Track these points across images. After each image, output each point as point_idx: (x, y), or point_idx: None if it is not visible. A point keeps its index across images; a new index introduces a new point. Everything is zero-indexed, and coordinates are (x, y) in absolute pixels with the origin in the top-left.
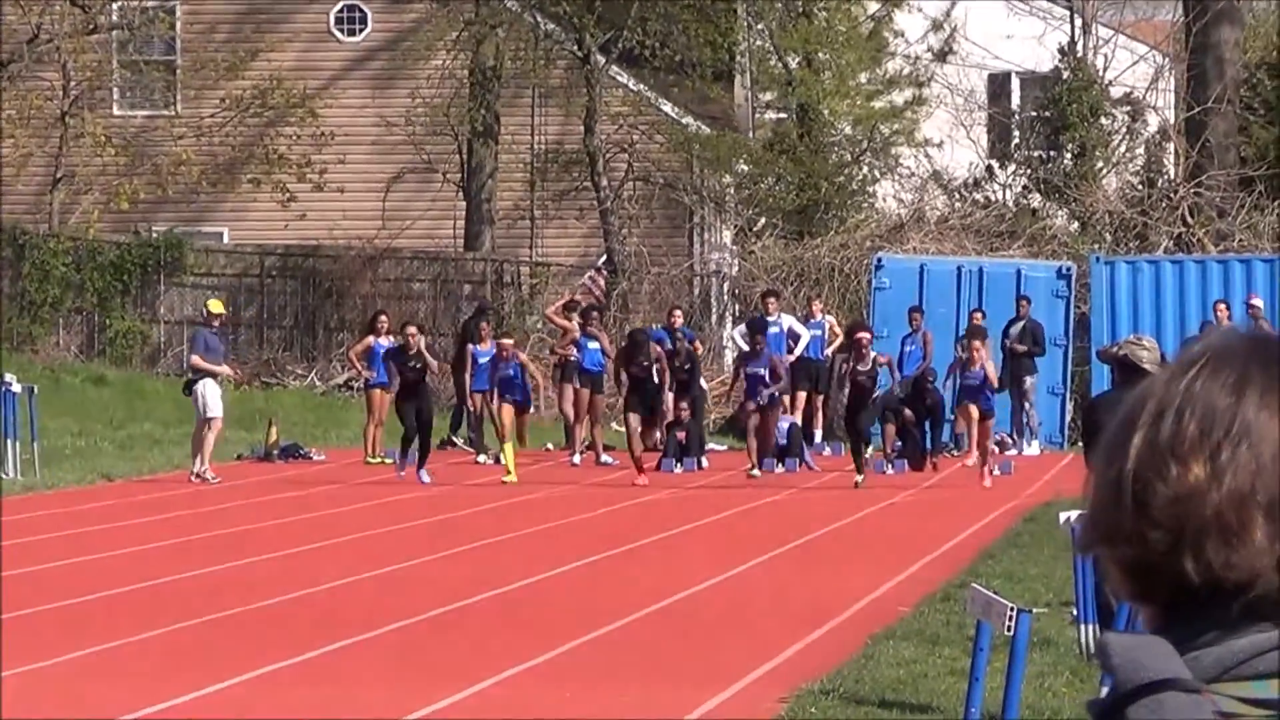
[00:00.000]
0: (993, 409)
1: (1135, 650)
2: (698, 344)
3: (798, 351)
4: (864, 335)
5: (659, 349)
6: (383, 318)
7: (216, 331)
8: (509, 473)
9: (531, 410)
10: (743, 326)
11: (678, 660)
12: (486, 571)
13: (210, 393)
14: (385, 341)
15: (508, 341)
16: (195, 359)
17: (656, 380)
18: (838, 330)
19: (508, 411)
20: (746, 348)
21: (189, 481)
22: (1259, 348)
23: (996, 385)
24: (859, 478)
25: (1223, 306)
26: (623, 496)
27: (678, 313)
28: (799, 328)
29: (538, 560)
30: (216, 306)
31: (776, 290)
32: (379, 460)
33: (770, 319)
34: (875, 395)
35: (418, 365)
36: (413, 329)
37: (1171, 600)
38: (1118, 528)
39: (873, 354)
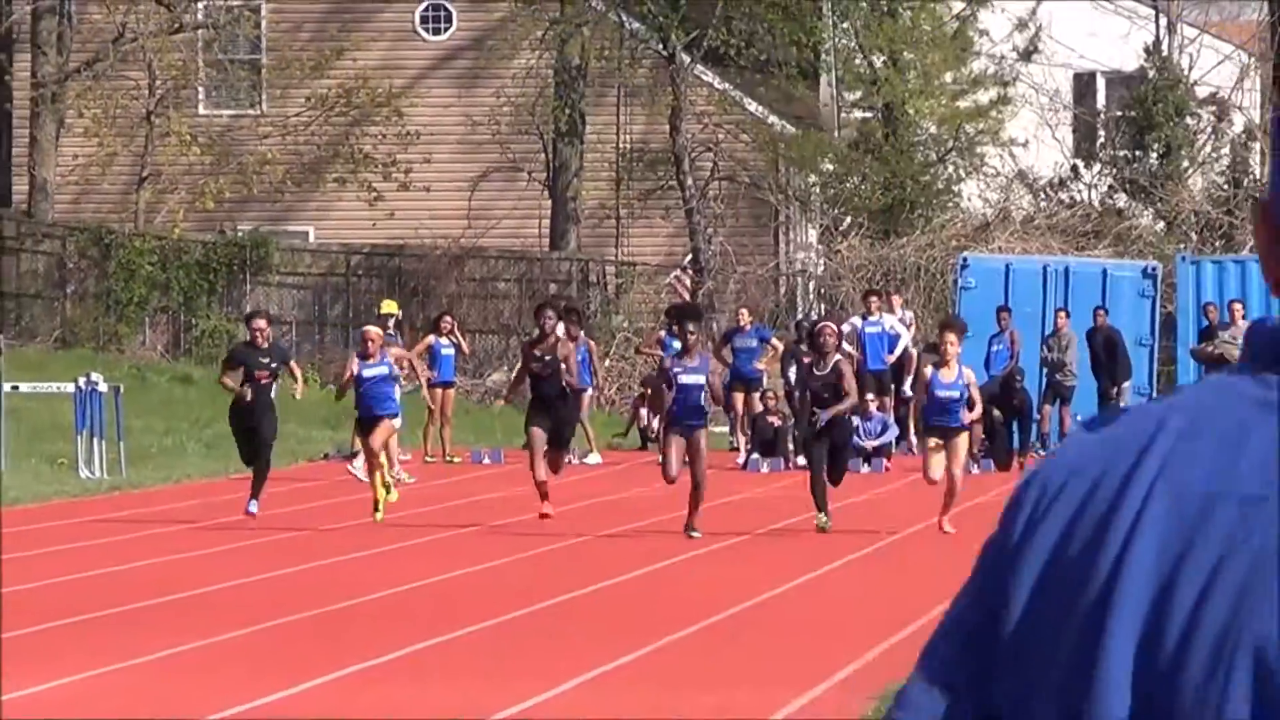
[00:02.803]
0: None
1: None
2: (775, 342)
3: (897, 352)
4: (829, 327)
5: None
6: (447, 318)
7: (392, 333)
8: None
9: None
10: (845, 327)
11: (763, 661)
12: (571, 572)
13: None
14: (446, 341)
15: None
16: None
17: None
18: (900, 330)
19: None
20: (849, 349)
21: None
22: None
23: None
24: (821, 518)
25: None
26: (711, 494)
27: (744, 312)
28: (900, 328)
29: (624, 560)
30: (389, 307)
31: (877, 290)
32: (450, 460)
33: (873, 319)
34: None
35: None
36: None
37: None
38: None
39: (838, 357)
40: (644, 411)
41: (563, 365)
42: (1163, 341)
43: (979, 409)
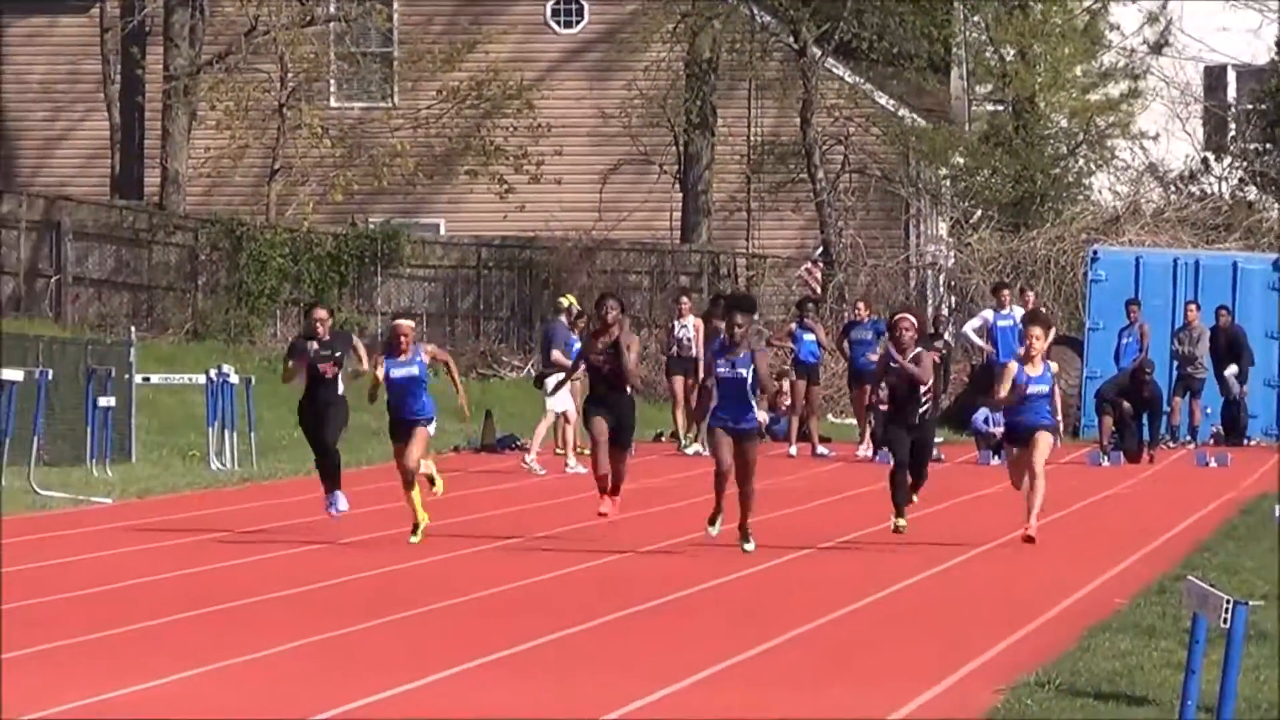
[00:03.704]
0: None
1: None
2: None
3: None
4: (906, 318)
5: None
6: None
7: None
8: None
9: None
10: (976, 321)
11: (888, 656)
12: (695, 566)
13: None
14: (576, 336)
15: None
16: (557, 354)
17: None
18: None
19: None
20: (981, 343)
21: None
22: None
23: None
24: (898, 521)
25: None
26: (840, 488)
27: (860, 305)
28: None
29: (749, 555)
30: (568, 299)
31: (1007, 282)
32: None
33: (1004, 312)
34: (923, 410)
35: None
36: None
37: None
38: None
39: (918, 350)
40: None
41: (625, 353)
42: None
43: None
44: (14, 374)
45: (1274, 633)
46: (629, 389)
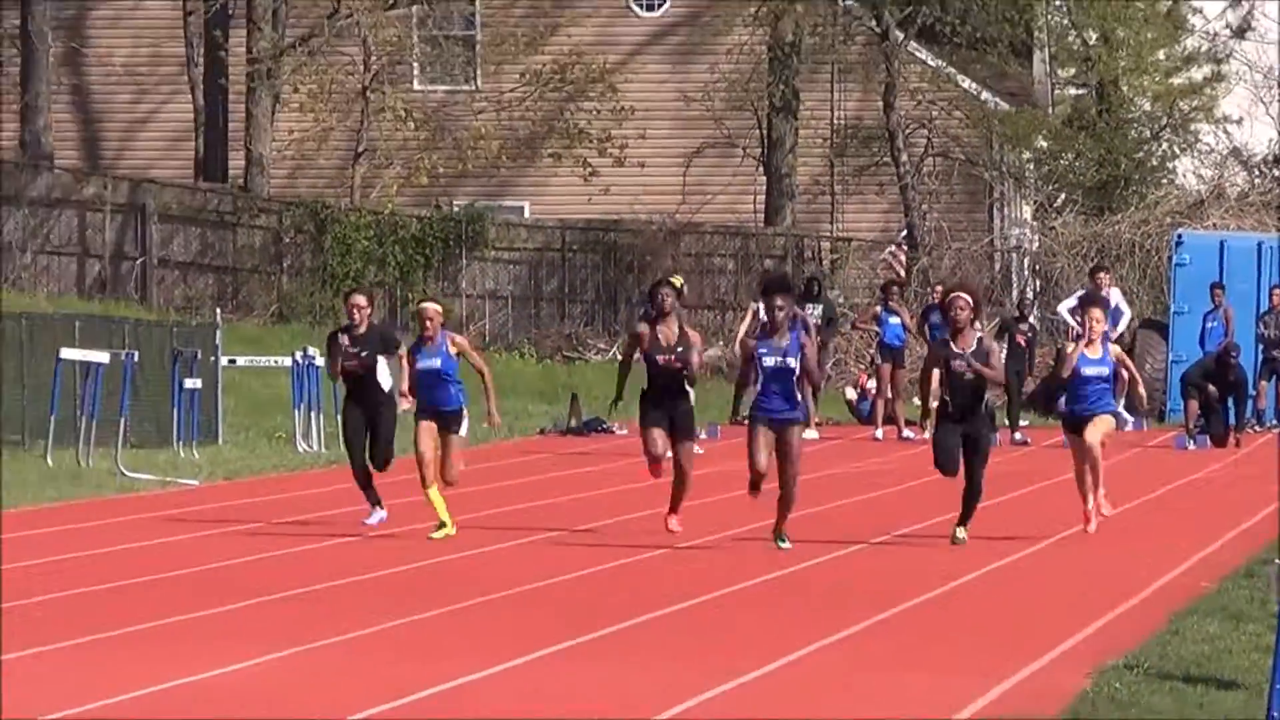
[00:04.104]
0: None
1: None
2: None
3: (1120, 328)
4: (961, 297)
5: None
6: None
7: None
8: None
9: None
10: (1072, 300)
11: (974, 641)
12: (771, 555)
13: None
14: None
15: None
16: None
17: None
18: (1124, 307)
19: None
20: (1073, 322)
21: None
22: None
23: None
24: (959, 532)
25: None
26: (924, 471)
27: (938, 289)
28: (1124, 305)
29: (830, 539)
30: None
31: (1105, 265)
32: None
33: (1101, 293)
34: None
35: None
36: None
37: None
38: None
39: (978, 333)
40: (868, 384)
41: (692, 356)
42: None
43: (1131, 383)
44: (100, 356)
45: None
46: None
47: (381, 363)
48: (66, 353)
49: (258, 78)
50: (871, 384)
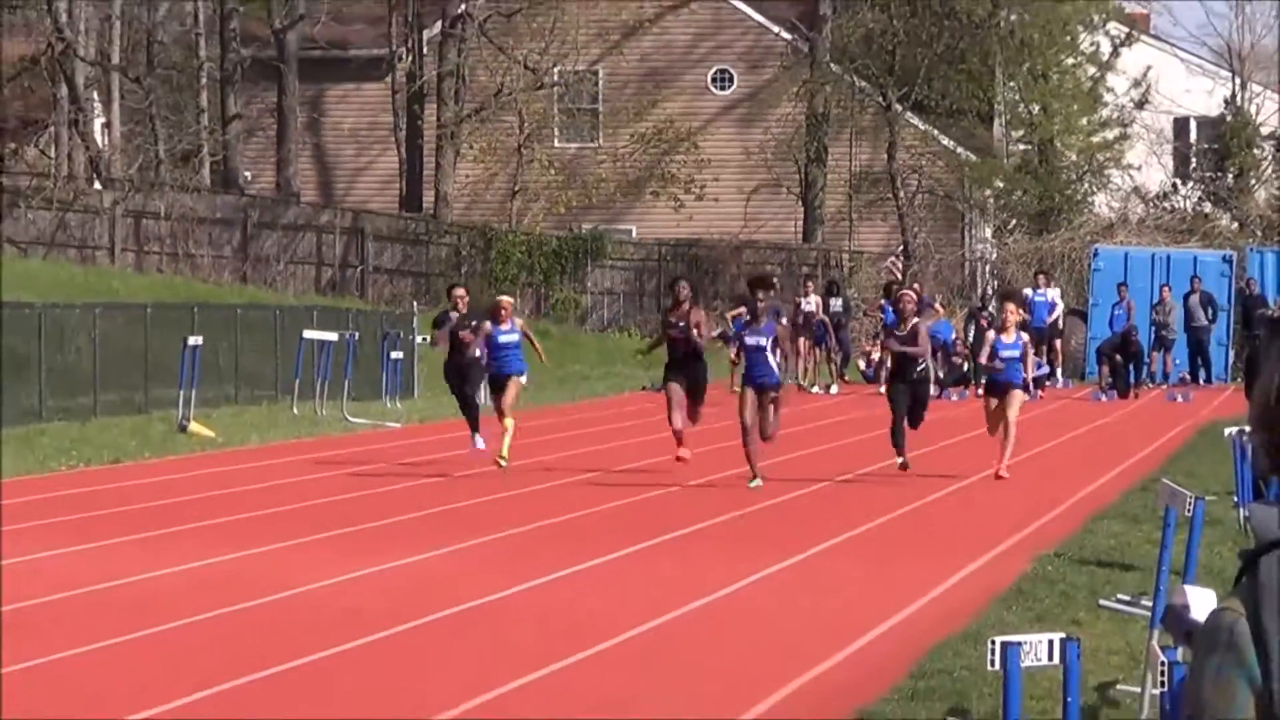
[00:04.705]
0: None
1: (1269, 516)
2: (937, 307)
3: (1054, 316)
4: (908, 294)
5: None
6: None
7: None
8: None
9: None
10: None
11: (942, 540)
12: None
13: None
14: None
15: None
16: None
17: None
18: (1058, 301)
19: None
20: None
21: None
22: None
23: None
24: (900, 460)
25: None
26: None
27: (917, 285)
28: (1058, 299)
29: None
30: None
31: (1045, 269)
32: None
33: (1039, 291)
34: (920, 369)
35: None
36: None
37: None
38: (1269, 419)
39: (915, 320)
40: (874, 356)
41: (693, 330)
42: (1236, 308)
43: (1031, 365)
44: (331, 335)
45: (1224, 519)
46: (700, 355)
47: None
48: (307, 333)
49: (444, 138)
50: (876, 355)
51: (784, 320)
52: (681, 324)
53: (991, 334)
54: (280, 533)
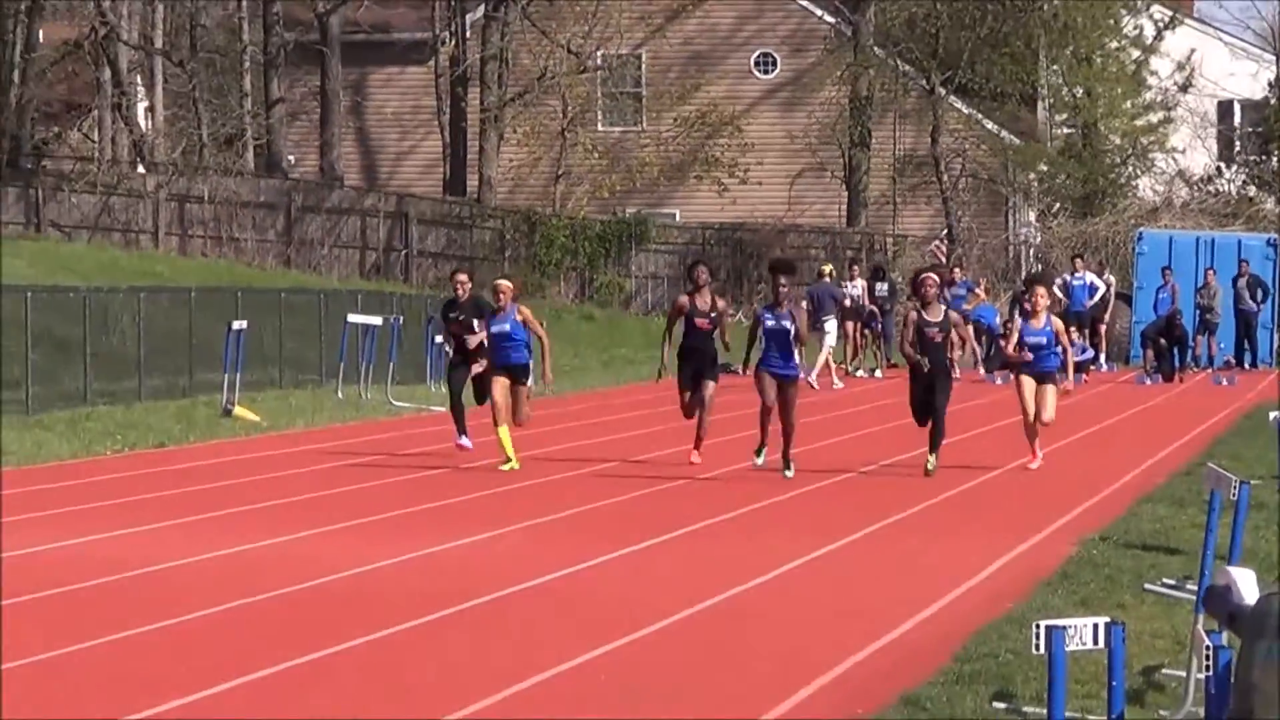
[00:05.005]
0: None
1: None
2: (978, 290)
3: (1096, 299)
4: (930, 277)
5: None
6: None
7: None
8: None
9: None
10: (1057, 280)
11: (990, 521)
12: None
13: (831, 329)
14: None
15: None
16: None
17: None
18: (1098, 284)
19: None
20: (1059, 295)
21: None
22: None
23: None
24: (931, 462)
25: None
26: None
27: (957, 270)
28: (1098, 282)
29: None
30: (829, 268)
31: (1080, 254)
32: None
33: (1077, 275)
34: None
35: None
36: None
37: None
38: None
39: (943, 307)
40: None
41: (724, 318)
42: None
43: (1070, 352)
44: (375, 320)
45: (1269, 503)
46: (718, 340)
47: (475, 324)
48: (351, 317)
49: (488, 122)
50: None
51: (804, 305)
52: (713, 314)
53: (1019, 321)
54: (324, 518)
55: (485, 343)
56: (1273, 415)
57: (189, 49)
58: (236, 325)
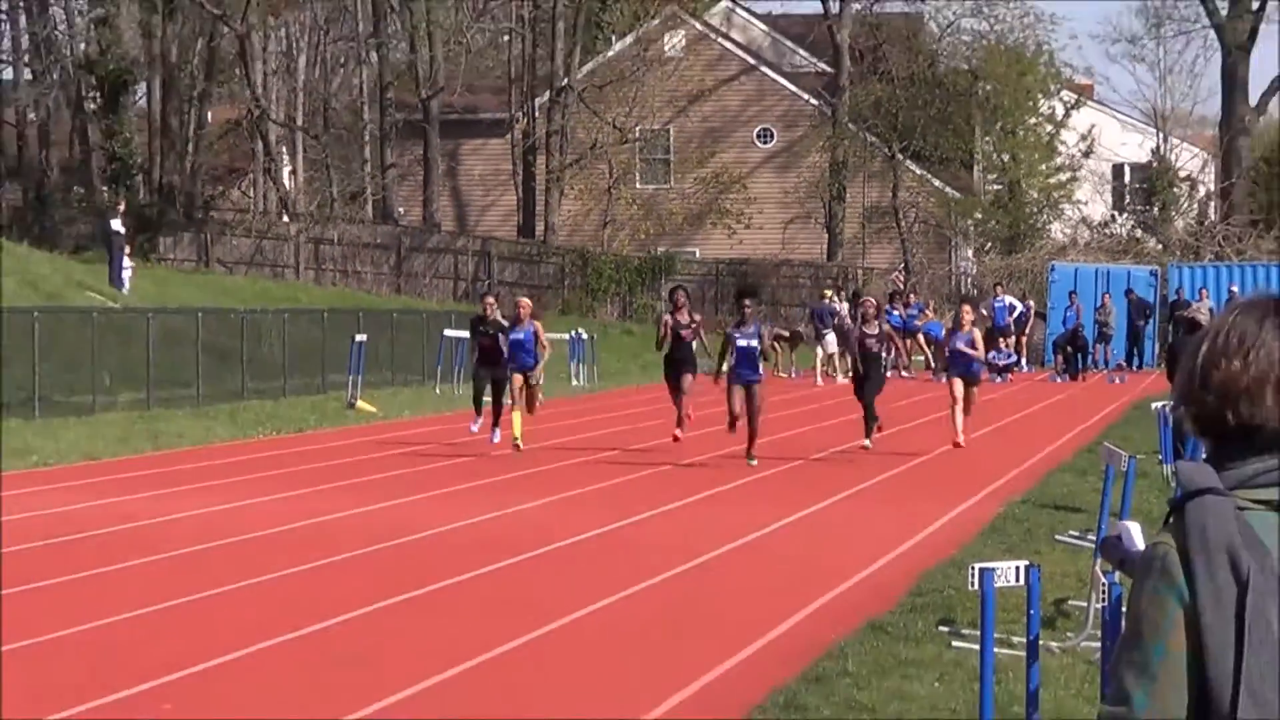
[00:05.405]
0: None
1: (1192, 471)
2: (928, 312)
3: (1014, 317)
4: (869, 300)
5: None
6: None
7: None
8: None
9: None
10: (1000, 300)
11: (927, 491)
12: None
13: (830, 339)
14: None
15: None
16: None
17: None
18: (1016, 304)
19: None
20: (984, 313)
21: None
22: (1271, 300)
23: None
24: (866, 442)
25: (1235, 289)
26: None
27: (913, 295)
28: (1016, 303)
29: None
30: (830, 293)
31: (1000, 281)
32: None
33: (998, 299)
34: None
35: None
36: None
37: (1217, 440)
38: (1192, 395)
39: (879, 321)
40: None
41: (701, 333)
42: (1162, 310)
43: (980, 352)
44: (465, 334)
45: (1152, 472)
46: (697, 348)
47: (500, 338)
48: (447, 332)
49: (552, 182)
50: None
51: (769, 325)
52: (693, 324)
53: (947, 333)
54: (426, 485)
55: (505, 350)
56: (1155, 405)
57: (323, 125)
58: (359, 338)
